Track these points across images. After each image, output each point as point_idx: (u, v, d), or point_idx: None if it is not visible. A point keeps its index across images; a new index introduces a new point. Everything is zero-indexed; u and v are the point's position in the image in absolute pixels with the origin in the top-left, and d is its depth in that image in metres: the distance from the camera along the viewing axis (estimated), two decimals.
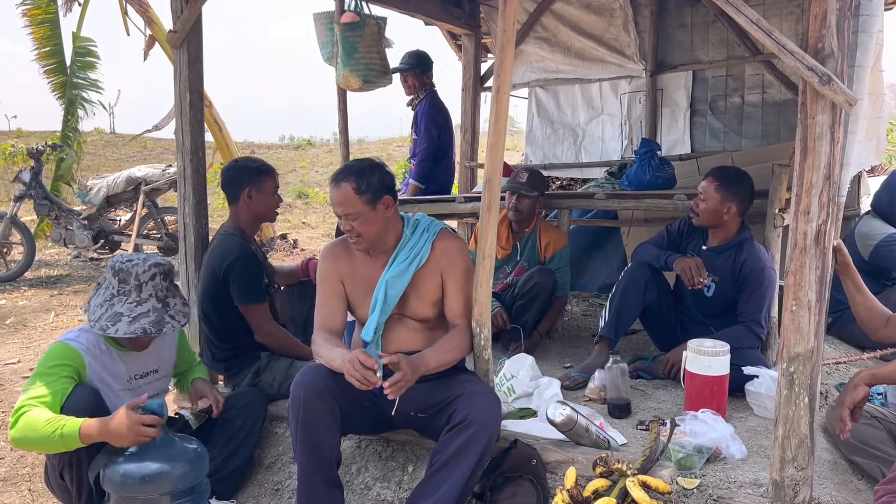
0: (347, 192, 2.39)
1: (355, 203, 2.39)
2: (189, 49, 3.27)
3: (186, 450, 2.32)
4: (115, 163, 14.07)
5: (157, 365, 2.66)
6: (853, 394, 2.23)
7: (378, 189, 2.42)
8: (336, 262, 2.58)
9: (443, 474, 2.22)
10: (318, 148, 18.66)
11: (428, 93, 5.07)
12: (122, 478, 2.20)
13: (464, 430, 2.22)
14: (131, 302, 2.42)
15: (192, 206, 3.34)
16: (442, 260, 2.51)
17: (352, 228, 2.42)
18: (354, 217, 2.40)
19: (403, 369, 2.21)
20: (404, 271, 2.48)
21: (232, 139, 8.97)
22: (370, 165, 2.46)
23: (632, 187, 4.17)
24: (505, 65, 2.42)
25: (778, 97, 4.98)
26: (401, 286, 2.48)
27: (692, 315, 3.44)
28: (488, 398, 2.32)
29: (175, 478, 2.23)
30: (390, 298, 2.48)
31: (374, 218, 2.43)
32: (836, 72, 1.97)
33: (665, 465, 2.37)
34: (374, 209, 2.42)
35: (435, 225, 2.59)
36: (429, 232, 2.55)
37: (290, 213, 12.09)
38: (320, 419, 2.28)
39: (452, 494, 2.19)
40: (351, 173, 2.41)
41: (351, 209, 2.40)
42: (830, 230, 2.06)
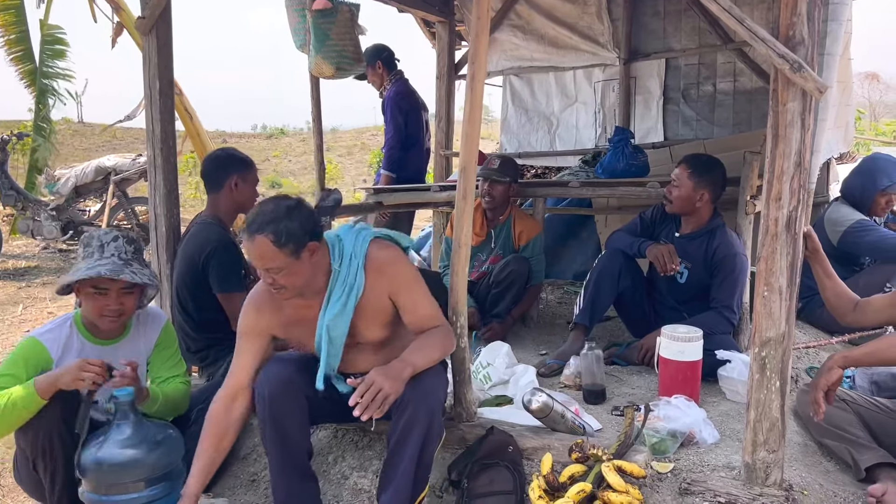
0: (265, 245, 2.10)
1: (276, 257, 2.11)
2: (158, 35, 3.21)
3: (161, 435, 2.31)
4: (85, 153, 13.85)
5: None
6: (827, 376, 2.26)
7: (300, 236, 2.13)
8: (260, 316, 2.33)
9: (394, 462, 2.20)
10: (291, 137, 18.53)
11: (395, 81, 5.03)
12: (97, 464, 2.19)
13: (404, 410, 2.15)
14: (93, 258, 2.40)
15: (162, 195, 3.29)
16: (381, 281, 2.29)
17: (274, 281, 2.17)
18: (277, 271, 2.14)
19: (376, 383, 2.06)
20: (342, 310, 2.25)
21: (203, 128, 8.86)
22: (287, 209, 2.15)
23: (606, 175, 4.19)
24: (479, 52, 2.41)
25: (749, 85, 5.03)
26: (343, 327, 2.27)
27: (665, 301, 3.48)
28: (428, 374, 2.21)
29: (150, 463, 2.23)
30: (335, 341, 2.28)
31: (300, 268, 2.17)
32: (806, 59, 1.99)
33: (640, 449, 2.40)
34: (299, 259, 2.15)
35: (361, 244, 2.31)
36: (357, 257, 2.28)
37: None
38: (288, 414, 2.24)
39: (408, 478, 2.17)
40: (267, 223, 2.10)
41: (271, 264, 2.13)
42: (801, 216, 2.08)
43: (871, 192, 3.82)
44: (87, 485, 2.23)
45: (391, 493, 2.19)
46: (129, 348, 2.57)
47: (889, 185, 3.80)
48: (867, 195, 3.84)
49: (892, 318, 2.72)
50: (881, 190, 3.80)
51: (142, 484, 2.22)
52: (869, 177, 3.86)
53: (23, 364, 2.33)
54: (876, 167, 3.90)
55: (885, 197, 3.83)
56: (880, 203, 3.84)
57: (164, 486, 2.27)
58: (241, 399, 2.31)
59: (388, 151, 4.98)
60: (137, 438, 2.23)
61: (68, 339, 2.43)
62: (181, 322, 3.12)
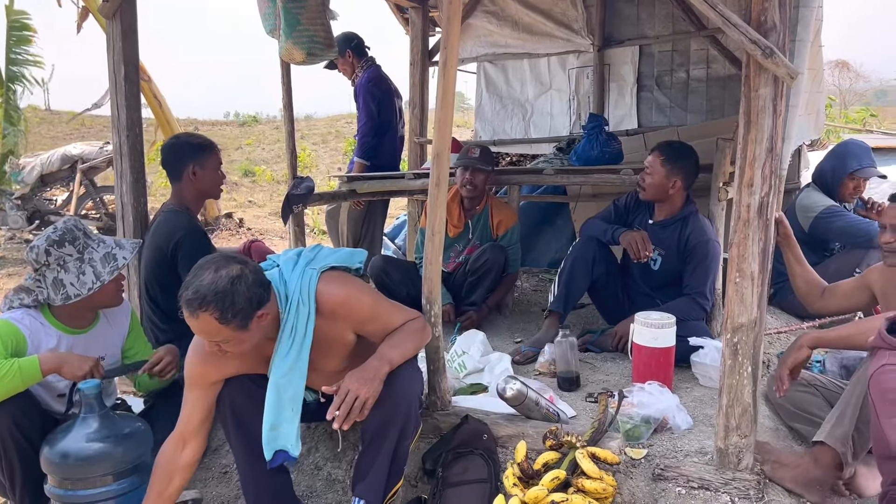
0: (209, 323, 1.94)
1: (221, 332, 1.96)
2: (122, 19, 3.14)
3: (128, 428, 2.28)
4: (52, 141, 13.57)
5: (104, 351, 2.56)
6: (796, 354, 2.30)
7: (247, 309, 1.97)
8: (205, 367, 2.19)
9: (370, 454, 2.17)
10: (264, 124, 18.32)
11: (367, 68, 4.97)
12: (62, 458, 2.15)
13: (381, 403, 2.08)
14: (97, 244, 2.43)
15: (129, 183, 3.23)
16: (339, 323, 2.18)
17: (220, 349, 2.02)
18: (224, 342, 2.00)
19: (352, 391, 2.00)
20: (294, 363, 2.11)
21: (172, 115, 8.73)
22: (230, 280, 1.94)
23: (580, 163, 4.19)
24: (452, 38, 2.38)
25: (722, 72, 5.05)
26: (298, 385, 2.12)
27: (639, 288, 3.49)
28: (404, 369, 2.17)
29: (117, 457, 2.19)
30: (292, 399, 2.12)
31: (249, 336, 2.02)
32: (778, 45, 1.99)
33: (613, 436, 2.41)
34: (247, 329, 2.00)
35: (308, 285, 2.13)
36: (305, 303, 2.12)
37: (236, 192, 11.87)
38: (249, 412, 2.18)
39: (382, 471, 2.16)
40: (209, 300, 1.91)
41: (217, 338, 1.99)
42: (773, 202, 2.09)
43: (840, 176, 3.86)
44: (52, 480, 2.19)
45: (367, 484, 2.17)
46: (102, 335, 2.56)
47: (858, 169, 3.84)
48: (836, 178, 3.87)
49: (856, 303, 2.75)
50: (850, 173, 3.84)
51: (109, 478, 2.19)
52: (839, 160, 3.90)
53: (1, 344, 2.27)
54: (847, 151, 3.94)
55: (854, 181, 3.87)
56: (848, 187, 3.88)
57: (132, 479, 2.24)
58: (190, 445, 2.23)
59: (360, 139, 4.93)
60: (104, 432, 2.21)
61: (40, 328, 2.39)
62: (149, 313, 3.07)
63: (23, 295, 2.40)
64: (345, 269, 2.31)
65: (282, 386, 2.11)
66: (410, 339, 2.23)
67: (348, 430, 2.02)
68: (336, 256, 2.30)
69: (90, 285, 2.37)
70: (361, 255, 2.40)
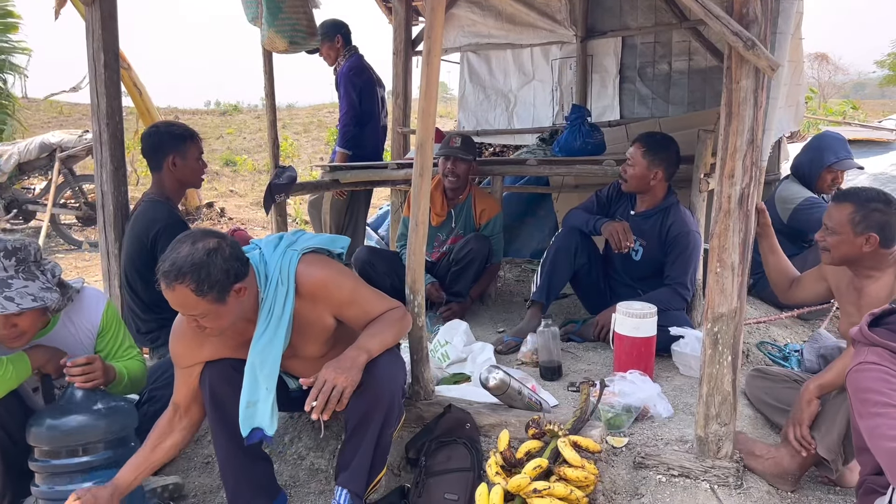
0: (185, 296, 1.93)
1: (198, 305, 1.95)
2: (102, 6, 3.09)
3: (113, 402, 2.31)
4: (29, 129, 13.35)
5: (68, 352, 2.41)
6: (809, 410, 2.25)
7: (224, 281, 1.96)
8: (186, 348, 2.20)
9: (353, 444, 2.18)
10: (245, 114, 18.14)
11: (350, 56, 4.94)
12: (49, 429, 2.19)
13: (363, 393, 2.09)
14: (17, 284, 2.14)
15: (109, 172, 3.19)
16: (318, 305, 2.18)
17: (198, 324, 2.01)
18: (201, 316, 1.99)
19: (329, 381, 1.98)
20: (270, 341, 2.11)
21: (153, 104, 8.62)
22: (206, 253, 1.94)
23: (562, 153, 4.20)
24: (435, 27, 2.37)
25: (704, 64, 5.08)
26: (273, 362, 2.12)
27: (621, 279, 3.51)
28: (386, 358, 2.17)
29: (102, 427, 2.23)
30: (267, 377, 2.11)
31: (225, 311, 2.01)
32: (759, 37, 2.01)
33: (595, 424, 2.42)
34: (224, 303, 1.99)
35: (288, 266, 2.14)
36: (285, 283, 2.12)
37: (217, 181, 11.76)
38: (230, 399, 2.17)
39: (365, 460, 2.16)
40: (185, 271, 1.91)
41: (194, 311, 1.97)
42: (753, 193, 2.11)
43: (818, 169, 3.91)
44: (38, 452, 2.21)
45: (349, 474, 2.17)
46: (61, 337, 2.39)
47: (835, 162, 3.89)
48: (814, 171, 3.92)
49: (819, 293, 2.77)
50: (828, 166, 3.89)
51: (101, 445, 2.24)
52: (817, 153, 3.94)
53: None
54: (824, 144, 3.98)
55: (832, 174, 3.92)
56: (826, 179, 3.92)
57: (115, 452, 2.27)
58: (184, 414, 2.26)
59: (342, 128, 4.90)
60: (89, 403, 2.25)
61: None
62: (130, 303, 3.05)
63: None
64: (326, 252, 2.31)
65: (257, 364, 2.11)
66: (390, 328, 2.22)
67: (329, 419, 2.01)
68: (318, 240, 2.30)
69: None
70: (344, 241, 2.40)
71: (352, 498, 2.15)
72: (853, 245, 2.39)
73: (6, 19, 8.43)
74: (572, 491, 2.11)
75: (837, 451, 2.19)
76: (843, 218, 2.40)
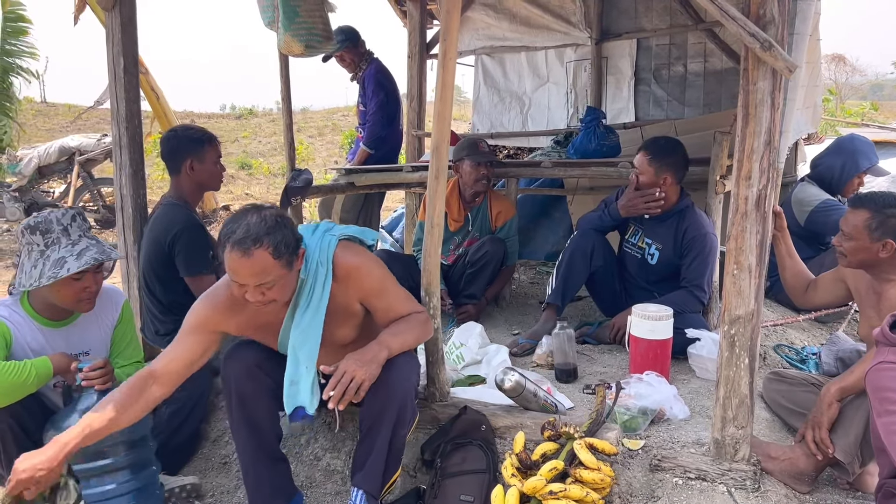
0: (264, 260, 1.96)
1: (272, 271, 1.98)
2: (122, 12, 3.13)
3: None
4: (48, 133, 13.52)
5: (88, 346, 2.52)
6: (829, 413, 2.23)
7: (294, 245, 2.05)
8: (216, 314, 2.19)
9: (367, 444, 2.20)
10: (260, 117, 18.27)
11: (371, 60, 5.00)
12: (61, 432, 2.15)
13: (376, 393, 2.12)
14: (66, 245, 2.31)
15: (128, 175, 3.22)
16: (350, 288, 2.21)
17: (263, 296, 2.02)
18: (270, 285, 2.01)
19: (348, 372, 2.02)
20: (311, 322, 2.16)
21: (170, 108, 8.70)
22: (275, 219, 2.02)
23: (577, 156, 4.19)
24: (451, 30, 2.38)
25: (719, 66, 5.05)
26: (314, 340, 2.17)
27: (636, 281, 3.50)
28: (402, 358, 2.20)
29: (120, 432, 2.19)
30: (307, 357, 2.16)
31: (290, 280, 2.08)
32: (776, 38, 2.00)
33: (611, 427, 2.42)
34: (291, 270, 2.05)
35: (327, 249, 2.20)
36: (324, 264, 2.18)
37: (232, 184, 11.85)
38: (254, 397, 2.21)
39: (380, 460, 2.18)
40: (262, 236, 1.96)
41: (267, 278, 1.99)
42: (770, 195, 2.10)
43: (851, 173, 3.89)
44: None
45: (364, 474, 2.19)
46: (82, 329, 2.50)
47: (869, 167, 3.88)
48: (847, 175, 3.89)
49: (837, 296, 2.74)
50: (862, 171, 3.87)
51: (121, 447, 2.25)
52: (851, 157, 3.91)
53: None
54: (856, 148, 3.95)
55: (860, 178, 3.91)
56: (854, 184, 3.91)
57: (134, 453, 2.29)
58: (159, 386, 2.15)
59: (370, 127, 4.95)
60: None
61: (21, 321, 2.36)
62: (149, 305, 3.08)
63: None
64: (359, 242, 2.37)
65: (297, 343, 2.17)
66: (412, 331, 2.26)
67: (346, 412, 2.04)
68: (352, 230, 2.37)
69: (32, 282, 2.26)
70: (374, 234, 2.46)
71: (367, 499, 2.17)
72: (870, 251, 2.38)
73: (17, 23, 8.52)
74: (588, 493, 2.11)
75: (854, 453, 2.18)
76: (859, 224, 2.39)
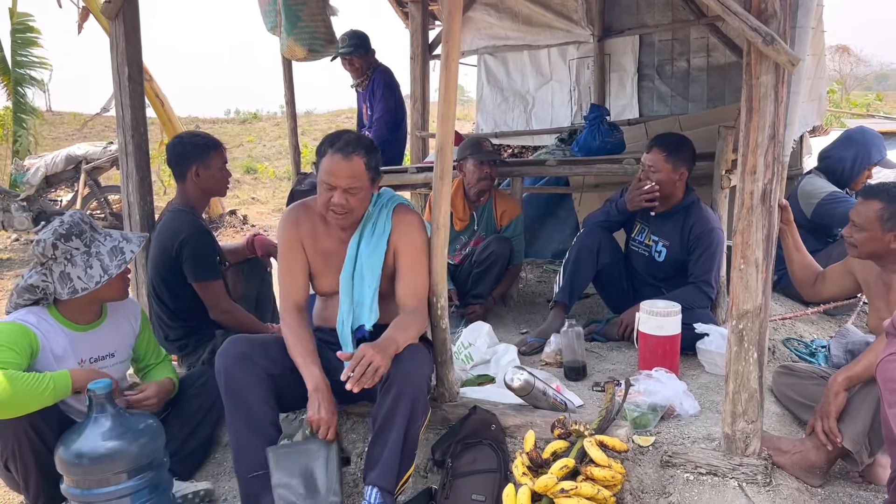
0: (359, 166, 2.31)
1: (362, 178, 2.33)
2: (125, 20, 3.15)
3: (141, 424, 2.28)
4: (54, 142, 13.57)
5: (114, 349, 2.57)
6: (836, 402, 2.23)
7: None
8: (297, 227, 2.49)
9: (381, 440, 2.22)
10: (264, 121, 18.30)
11: (377, 66, 5.02)
12: (77, 458, 2.15)
13: (388, 390, 2.21)
14: (103, 237, 2.44)
15: (135, 183, 3.24)
16: (397, 233, 2.45)
17: (346, 202, 2.33)
18: (356, 192, 2.33)
19: (367, 357, 2.12)
20: (374, 249, 2.42)
21: (175, 114, 8.73)
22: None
23: (582, 153, 4.19)
24: (453, 31, 2.39)
25: (722, 60, 5.04)
26: (377, 265, 2.41)
27: (644, 278, 3.50)
28: (411, 352, 2.28)
29: (133, 453, 2.19)
30: (370, 279, 2.41)
31: (367, 197, 2.40)
32: (779, 32, 2.00)
33: (621, 424, 2.42)
34: (372, 186, 2.40)
35: (391, 201, 2.52)
36: (387, 207, 2.49)
37: (238, 189, 11.88)
38: (245, 384, 2.25)
39: (394, 456, 2.20)
40: (360, 147, 2.32)
41: (357, 183, 2.32)
42: (776, 189, 2.10)
43: (863, 165, 3.88)
44: (68, 480, 2.20)
45: (379, 471, 2.20)
46: (110, 331, 2.56)
47: (880, 160, 3.87)
48: (859, 168, 3.88)
49: (845, 289, 2.74)
50: (873, 163, 3.86)
51: (124, 475, 2.19)
52: (863, 149, 3.90)
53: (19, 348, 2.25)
54: (868, 140, 3.94)
55: (869, 171, 3.90)
56: (864, 177, 3.90)
57: (147, 475, 2.24)
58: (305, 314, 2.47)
59: (376, 131, 4.95)
60: (118, 430, 2.20)
61: (48, 327, 2.39)
62: (157, 311, 3.09)
63: (26, 294, 2.39)
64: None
65: (365, 267, 2.42)
66: (415, 326, 2.39)
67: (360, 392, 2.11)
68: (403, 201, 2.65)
69: (98, 279, 2.37)
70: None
71: (383, 495, 2.18)
72: (881, 242, 2.37)
73: (26, 34, 8.58)
74: (599, 490, 2.12)
75: (862, 442, 2.17)
76: (871, 215, 2.38)
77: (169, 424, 2.66)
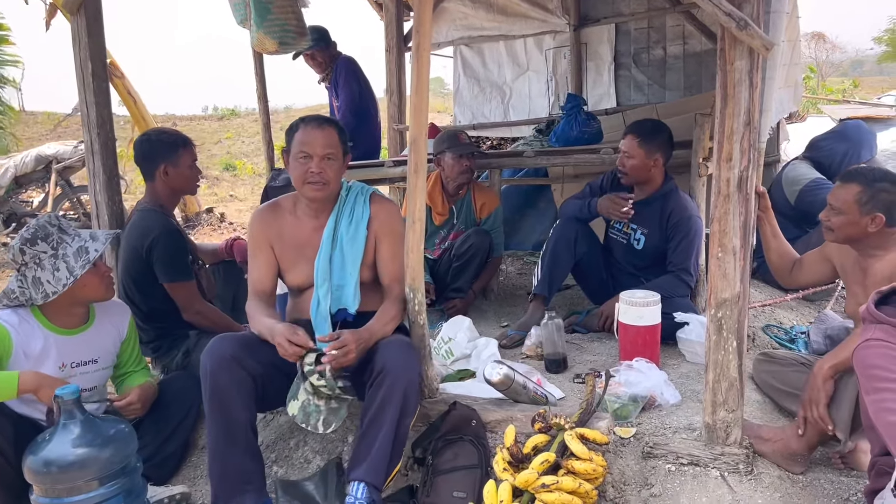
0: (333, 135, 2.44)
1: (336, 147, 2.44)
2: (87, 14, 3.06)
3: (112, 430, 2.20)
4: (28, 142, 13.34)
5: (98, 354, 2.52)
6: (825, 390, 2.21)
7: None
8: (264, 226, 2.54)
9: (370, 435, 2.20)
10: (243, 118, 18.12)
11: (341, 58, 4.93)
12: (46, 466, 2.07)
13: (380, 384, 2.21)
14: (72, 238, 2.41)
15: (102, 182, 3.17)
16: (375, 222, 2.51)
17: (323, 171, 2.41)
18: (332, 160, 2.43)
19: (347, 343, 2.21)
20: (354, 234, 2.48)
21: (148, 111, 8.59)
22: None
23: (560, 144, 4.17)
24: (424, 21, 2.34)
25: (699, 48, 5.04)
26: (358, 249, 2.48)
27: (623, 267, 3.48)
28: (401, 346, 2.31)
29: (103, 460, 2.12)
30: (352, 263, 2.47)
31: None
32: (752, 17, 1.97)
33: (602, 416, 2.40)
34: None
35: (366, 188, 2.60)
36: (363, 195, 2.55)
37: (217, 186, 11.76)
38: (228, 389, 2.22)
39: (384, 451, 2.18)
40: (331, 121, 2.50)
41: (332, 150, 2.43)
42: (752, 176, 2.08)
43: (852, 162, 3.87)
44: (38, 489, 2.13)
45: (367, 466, 2.17)
46: (95, 337, 2.52)
47: (869, 159, 3.88)
48: (847, 163, 3.87)
49: (823, 275, 2.72)
50: (863, 162, 3.86)
51: (95, 483, 2.12)
52: (855, 147, 3.91)
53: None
54: (862, 138, 3.95)
55: None
56: None
57: (119, 482, 2.19)
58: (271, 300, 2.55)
59: (342, 118, 4.83)
60: (87, 437, 2.13)
61: (29, 328, 2.35)
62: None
63: (5, 300, 2.37)
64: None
65: (346, 253, 2.47)
66: (393, 321, 2.44)
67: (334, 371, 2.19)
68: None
69: (64, 281, 2.33)
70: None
71: (370, 491, 2.15)
72: (858, 225, 2.36)
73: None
74: (581, 484, 2.09)
75: (846, 429, 2.17)
76: (849, 198, 2.37)
77: (144, 429, 2.61)
